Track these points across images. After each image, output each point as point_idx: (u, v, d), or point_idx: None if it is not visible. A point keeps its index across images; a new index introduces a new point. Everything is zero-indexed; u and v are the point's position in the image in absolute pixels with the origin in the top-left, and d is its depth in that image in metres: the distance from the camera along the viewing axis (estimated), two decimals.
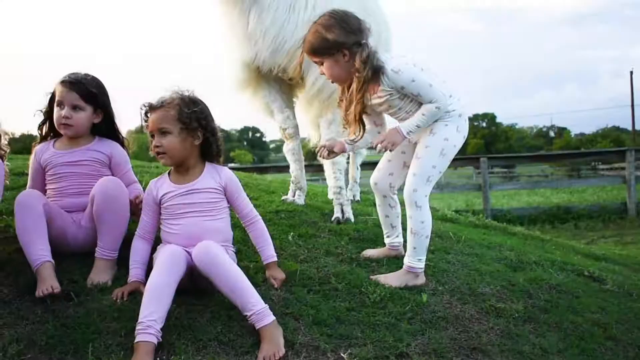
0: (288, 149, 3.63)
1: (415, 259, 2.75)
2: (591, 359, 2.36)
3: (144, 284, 2.28)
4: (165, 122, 2.40)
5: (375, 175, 3.00)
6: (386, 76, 2.65)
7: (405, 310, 2.50)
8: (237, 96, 3.48)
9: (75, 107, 2.69)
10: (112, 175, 2.74)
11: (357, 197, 4.40)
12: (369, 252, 3.02)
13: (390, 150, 2.77)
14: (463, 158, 16.64)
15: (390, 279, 2.72)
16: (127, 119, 2.94)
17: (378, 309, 2.49)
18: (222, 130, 2.64)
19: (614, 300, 2.97)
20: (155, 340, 2.05)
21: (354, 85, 2.68)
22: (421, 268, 2.76)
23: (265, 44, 3.16)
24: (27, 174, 3.10)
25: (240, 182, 2.63)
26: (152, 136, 2.44)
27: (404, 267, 2.77)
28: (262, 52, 3.19)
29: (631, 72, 36.87)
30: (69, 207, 2.69)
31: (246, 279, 2.26)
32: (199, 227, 2.43)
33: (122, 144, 2.87)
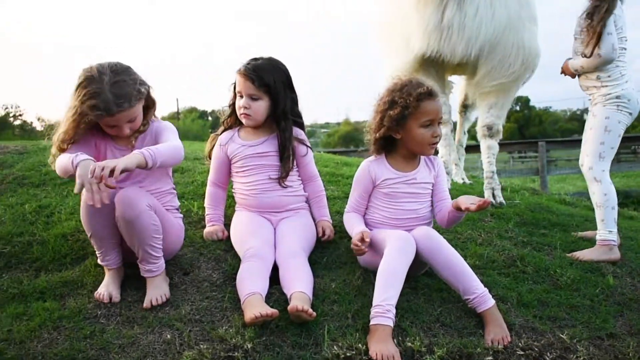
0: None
1: (605, 231, 2.94)
2: None
3: None
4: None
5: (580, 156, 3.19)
6: None
7: (597, 292, 2.60)
8: None
9: (252, 97, 2.66)
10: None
11: (466, 180, 4.40)
12: (582, 233, 3.22)
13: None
14: (520, 142, 16.98)
15: (586, 254, 2.89)
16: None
17: (572, 291, 2.60)
18: None
19: None
20: (392, 324, 2.13)
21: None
22: (614, 241, 2.93)
23: (460, 38, 3.20)
24: None
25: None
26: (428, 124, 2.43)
27: (597, 243, 2.94)
28: (455, 45, 3.23)
29: None
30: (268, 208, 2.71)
31: (465, 263, 2.35)
32: (413, 214, 2.51)
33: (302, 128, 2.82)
